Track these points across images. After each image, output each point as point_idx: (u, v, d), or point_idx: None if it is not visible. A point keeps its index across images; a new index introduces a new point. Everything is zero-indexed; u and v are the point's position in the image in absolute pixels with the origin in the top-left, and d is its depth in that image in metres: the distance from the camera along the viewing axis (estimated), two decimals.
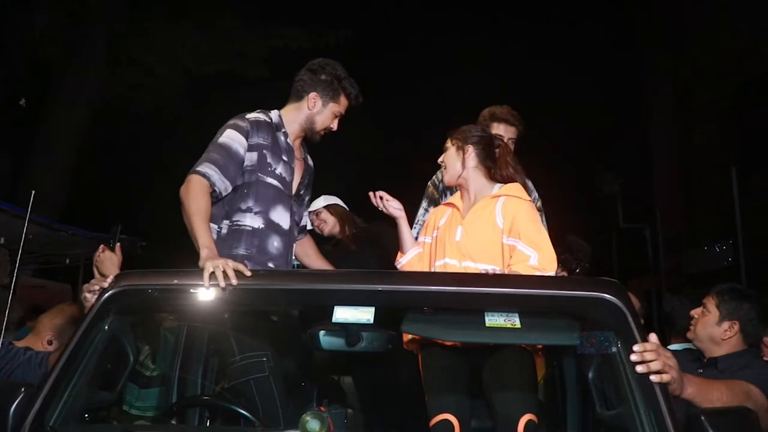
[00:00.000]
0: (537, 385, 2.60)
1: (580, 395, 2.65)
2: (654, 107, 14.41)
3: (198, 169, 2.70)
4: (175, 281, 2.22)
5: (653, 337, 1.98)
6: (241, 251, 2.74)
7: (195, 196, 2.62)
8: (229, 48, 11.14)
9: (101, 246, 2.92)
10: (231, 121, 2.88)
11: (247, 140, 2.83)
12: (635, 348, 1.90)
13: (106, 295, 2.17)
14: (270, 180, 2.84)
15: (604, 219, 12.41)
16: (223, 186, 2.74)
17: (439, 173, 3.80)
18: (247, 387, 2.56)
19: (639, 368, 1.88)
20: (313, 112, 2.97)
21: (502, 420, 2.39)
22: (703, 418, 1.83)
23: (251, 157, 2.82)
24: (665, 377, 1.89)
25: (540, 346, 2.71)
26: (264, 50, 11.31)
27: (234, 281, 2.14)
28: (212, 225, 2.69)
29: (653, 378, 1.87)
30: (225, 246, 2.69)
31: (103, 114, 11.22)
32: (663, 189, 13.67)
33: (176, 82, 11.63)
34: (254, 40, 11.24)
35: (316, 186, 3.35)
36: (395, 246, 3.11)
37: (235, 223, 2.78)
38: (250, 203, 2.80)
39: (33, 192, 2.35)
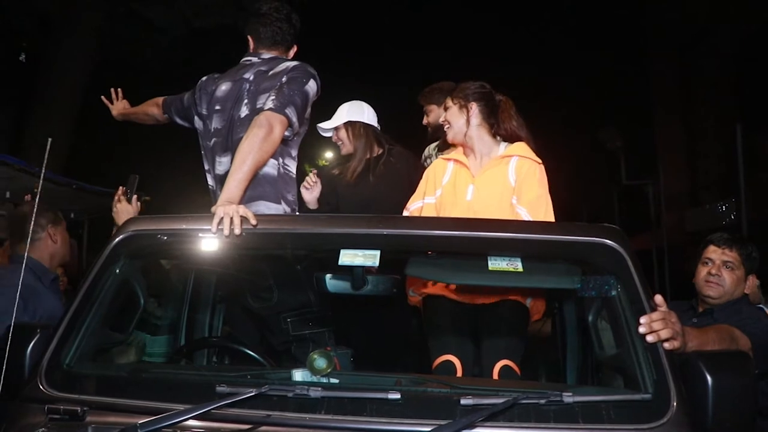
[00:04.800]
0: (522, 335, 2.66)
1: (579, 337, 2.71)
2: (656, 63, 14.30)
3: (287, 111, 2.62)
4: (184, 226, 2.25)
5: (659, 299, 1.96)
6: (292, 198, 2.82)
7: (272, 143, 2.55)
8: (230, 0, 10.98)
9: (118, 194, 2.90)
10: (310, 69, 2.83)
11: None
12: (642, 320, 1.87)
13: (117, 239, 2.21)
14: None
15: (607, 175, 12.38)
16: (292, 134, 2.76)
17: (431, 146, 3.77)
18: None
19: (649, 338, 1.86)
20: None
21: (484, 365, 2.56)
22: (700, 362, 1.84)
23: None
24: (675, 344, 1.88)
25: (541, 294, 2.76)
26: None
27: (238, 231, 2.15)
28: (272, 160, 2.68)
29: (665, 345, 1.85)
30: (278, 189, 2.73)
31: (103, 68, 11.13)
32: (666, 146, 13.64)
33: (176, 35, 11.50)
34: None
35: None
36: (408, 172, 3.24)
37: (285, 167, 2.79)
38: (295, 153, 2.85)
39: (50, 140, 2.29)
